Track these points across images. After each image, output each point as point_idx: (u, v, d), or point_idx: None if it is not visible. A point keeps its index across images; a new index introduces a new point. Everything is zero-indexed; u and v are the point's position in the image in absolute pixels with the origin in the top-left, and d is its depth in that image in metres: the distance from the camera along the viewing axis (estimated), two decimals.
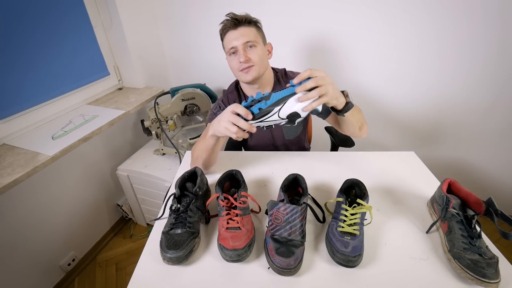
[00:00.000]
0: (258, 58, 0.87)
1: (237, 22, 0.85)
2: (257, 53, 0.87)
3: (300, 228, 0.60)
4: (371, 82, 1.51)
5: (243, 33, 0.86)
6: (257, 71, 0.89)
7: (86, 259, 1.47)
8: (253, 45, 0.87)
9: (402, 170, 0.89)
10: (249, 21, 0.87)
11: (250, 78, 0.89)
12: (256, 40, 0.87)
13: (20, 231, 1.11)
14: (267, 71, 0.94)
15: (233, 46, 0.86)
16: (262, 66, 0.90)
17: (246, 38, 0.86)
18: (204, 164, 0.85)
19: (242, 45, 0.86)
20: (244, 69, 0.88)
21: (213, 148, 0.80)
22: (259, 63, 0.88)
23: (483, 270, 0.52)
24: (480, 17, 1.22)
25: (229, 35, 0.87)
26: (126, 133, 1.61)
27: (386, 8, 1.28)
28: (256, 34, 0.88)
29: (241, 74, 0.90)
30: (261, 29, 0.92)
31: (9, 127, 1.09)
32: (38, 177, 1.12)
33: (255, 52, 0.87)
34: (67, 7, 1.24)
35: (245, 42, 0.86)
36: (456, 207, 0.62)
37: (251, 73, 0.88)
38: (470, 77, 1.37)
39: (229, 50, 0.88)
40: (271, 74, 0.99)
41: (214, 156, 0.85)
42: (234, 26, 0.86)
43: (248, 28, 0.87)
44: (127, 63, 1.51)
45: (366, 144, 1.68)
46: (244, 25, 0.86)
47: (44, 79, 1.19)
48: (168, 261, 0.59)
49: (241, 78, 0.92)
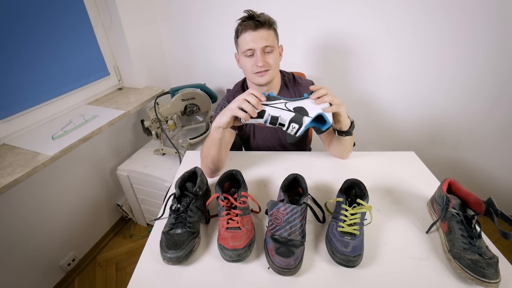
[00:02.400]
0: (274, 62, 0.87)
1: (258, 24, 0.82)
2: (273, 58, 0.87)
3: (300, 228, 0.60)
4: (371, 82, 1.51)
5: (263, 36, 0.83)
6: (271, 75, 0.88)
7: (86, 259, 1.47)
8: (271, 50, 0.86)
9: (402, 170, 0.89)
10: (270, 24, 0.85)
11: (264, 82, 0.88)
12: (274, 45, 0.86)
13: (20, 231, 1.11)
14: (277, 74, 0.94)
15: (251, 48, 0.84)
16: (276, 70, 0.90)
17: (266, 42, 0.84)
18: (213, 162, 0.82)
19: (260, 49, 0.84)
20: (259, 72, 0.87)
21: (220, 143, 0.78)
22: (274, 67, 0.88)
23: (483, 270, 0.52)
24: (479, 17, 1.22)
25: (248, 35, 0.84)
26: (126, 133, 1.61)
27: (386, 8, 1.28)
28: (274, 38, 0.87)
29: (255, 76, 0.89)
30: (277, 32, 0.91)
31: (9, 127, 1.09)
32: (38, 177, 1.12)
33: (272, 57, 0.86)
34: (67, 7, 1.23)
35: (264, 46, 0.84)
36: (456, 207, 0.62)
37: (266, 77, 0.87)
38: (470, 77, 1.37)
39: (245, 50, 0.86)
40: (279, 76, 0.99)
41: (222, 154, 0.82)
42: (254, 27, 0.83)
43: (268, 32, 0.84)
44: (127, 63, 1.50)
45: (366, 144, 1.69)
46: (264, 27, 0.83)
47: (44, 79, 1.19)
48: (168, 261, 0.59)
49: (254, 80, 0.91)
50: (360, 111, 1.58)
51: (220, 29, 1.52)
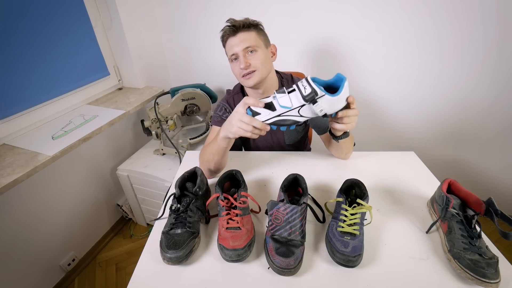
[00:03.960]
0: (259, 62, 0.86)
1: (235, 29, 0.84)
2: (258, 58, 0.86)
3: (300, 228, 0.60)
4: (371, 82, 1.51)
5: (242, 38, 0.85)
6: (259, 76, 0.87)
7: (86, 259, 1.47)
8: (253, 50, 0.86)
9: (402, 170, 0.89)
10: (248, 25, 0.86)
11: (252, 84, 0.88)
12: (256, 44, 0.86)
13: (20, 231, 1.11)
14: (270, 74, 0.93)
15: (233, 52, 0.86)
16: (265, 70, 0.88)
17: (246, 43, 0.84)
18: (216, 167, 0.83)
19: (242, 51, 0.85)
20: (245, 74, 0.87)
21: (226, 150, 0.79)
22: (261, 67, 0.87)
23: (483, 270, 0.52)
24: (479, 17, 1.22)
25: (229, 42, 0.87)
26: (126, 133, 1.61)
27: (386, 8, 1.28)
28: (256, 37, 0.87)
29: (243, 80, 0.89)
30: (262, 31, 0.91)
31: (9, 127, 1.09)
32: (38, 177, 1.12)
33: (256, 56, 0.86)
34: (67, 7, 1.23)
35: (245, 47, 0.85)
36: (456, 207, 0.62)
37: (253, 78, 0.87)
38: (470, 77, 1.37)
39: (230, 56, 0.88)
40: (275, 77, 0.98)
41: (225, 158, 0.84)
42: (233, 32, 0.85)
43: (247, 33, 0.85)
44: (127, 63, 1.50)
45: (366, 144, 1.68)
46: (243, 30, 0.85)
47: (44, 79, 1.19)
48: (168, 261, 0.59)
49: (243, 83, 0.92)
50: (360, 111, 1.55)
51: (220, 29, 1.52)
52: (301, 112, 0.63)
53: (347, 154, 0.94)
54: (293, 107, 0.62)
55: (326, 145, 0.98)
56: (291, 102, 0.62)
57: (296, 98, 0.61)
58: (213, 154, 0.80)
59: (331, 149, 0.96)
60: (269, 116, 0.63)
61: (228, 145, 0.78)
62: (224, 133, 0.72)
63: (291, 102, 0.62)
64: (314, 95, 0.59)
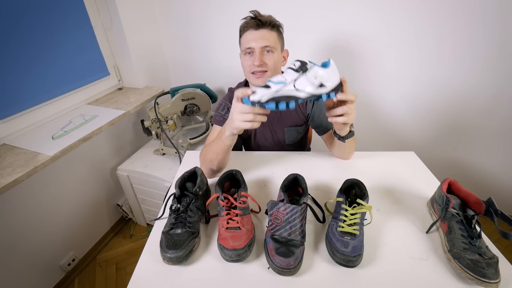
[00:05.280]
0: (273, 64, 0.86)
1: (259, 23, 0.83)
2: (273, 59, 0.86)
3: (300, 228, 0.60)
4: (371, 82, 1.51)
5: (264, 36, 0.83)
6: (269, 77, 0.87)
7: (86, 259, 1.47)
8: (271, 50, 0.85)
9: (402, 170, 0.89)
10: (272, 24, 0.85)
11: (260, 83, 0.87)
12: (275, 46, 0.86)
13: (20, 231, 1.11)
14: None
15: (250, 46, 0.84)
16: (275, 73, 0.88)
17: (266, 42, 0.83)
18: (219, 166, 0.82)
19: (260, 48, 0.84)
20: (256, 72, 0.86)
21: (230, 148, 0.79)
22: (273, 69, 0.87)
23: (483, 270, 0.52)
24: (479, 17, 1.22)
25: (249, 34, 0.85)
26: (126, 133, 1.61)
27: (386, 8, 1.28)
28: (276, 39, 0.86)
29: (252, 77, 0.88)
30: (282, 34, 0.90)
31: (9, 127, 1.09)
32: (38, 177, 1.12)
33: (271, 57, 0.85)
34: (67, 7, 1.24)
35: (264, 46, 0.84)
36: (456, 207, 0.62)
37: (263, 78, 0.86)
38: (470, 77, 1.37)
39: (245, 49, 0.86)
40: None
41: (228, 157, 0.84)
42: (256, 26, 0.83)
43: (269, 32, 0.84)
44: (127, 63, 1.51)
45: (366, 144, 1.68)
46: (266, 27, 0.84)
47: (44, 79, 1.19)
48: (168, 261, 0.59)
49: (250, 80, 0.91)
50: (360, 111, 1.56)
51: (220, 29, 1.52)
52: (297, 85, 0.62)
53: (349, 154, 0.94)
54: (287, 81, 0.62)
55: (328, 146, 0.98)
56: (284, 77, 0.63)
57: (288, 74, 0.63)
58: (217, 153, 0.79)
59: (333, 150, 0.95)
60: (265, 93, 0.62)
61: (233, 142, 0.77)
62: (229, 130, 0.72)
63: (284, 77, 0.63)
64: (303, 65, 0.62)
